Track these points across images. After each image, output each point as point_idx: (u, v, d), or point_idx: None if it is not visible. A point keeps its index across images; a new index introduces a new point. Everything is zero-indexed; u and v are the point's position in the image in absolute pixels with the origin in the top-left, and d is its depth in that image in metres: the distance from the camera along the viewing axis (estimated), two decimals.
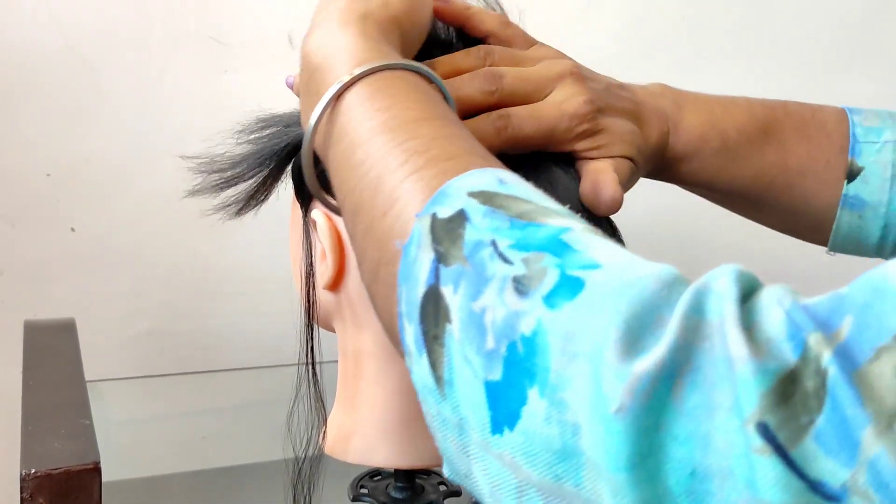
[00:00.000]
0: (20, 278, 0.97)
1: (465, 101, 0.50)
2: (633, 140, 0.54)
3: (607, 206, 0.50)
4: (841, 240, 0.61)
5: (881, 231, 0.59)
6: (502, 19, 0.56)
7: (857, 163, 0.59)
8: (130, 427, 0.95)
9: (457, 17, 0.55)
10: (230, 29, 0.99)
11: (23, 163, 0.95)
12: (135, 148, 0.98)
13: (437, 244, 0.35)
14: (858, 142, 0.59)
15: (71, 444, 0.57)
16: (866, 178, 0.59)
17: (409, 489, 0.62)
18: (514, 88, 0.51)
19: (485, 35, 0.56)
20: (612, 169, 0.51)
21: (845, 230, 0.60)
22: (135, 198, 0.99)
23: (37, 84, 0.94)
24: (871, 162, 0.59)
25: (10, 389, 0.80)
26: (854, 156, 0.59)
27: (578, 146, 0.52)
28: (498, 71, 0.51)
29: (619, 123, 0.54)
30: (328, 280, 0.55)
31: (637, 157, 0.54)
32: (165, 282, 1.02)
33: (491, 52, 0.53)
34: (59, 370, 0.72)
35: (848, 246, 0.61)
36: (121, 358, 1.01)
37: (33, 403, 0.64)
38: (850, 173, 0.59)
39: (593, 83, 0.54)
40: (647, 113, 0.56)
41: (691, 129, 0.58)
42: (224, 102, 0.99)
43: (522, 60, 0.54)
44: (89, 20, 0.95)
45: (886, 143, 0.59)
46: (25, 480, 0.53)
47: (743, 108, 0.59)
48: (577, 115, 0.51)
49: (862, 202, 0.59)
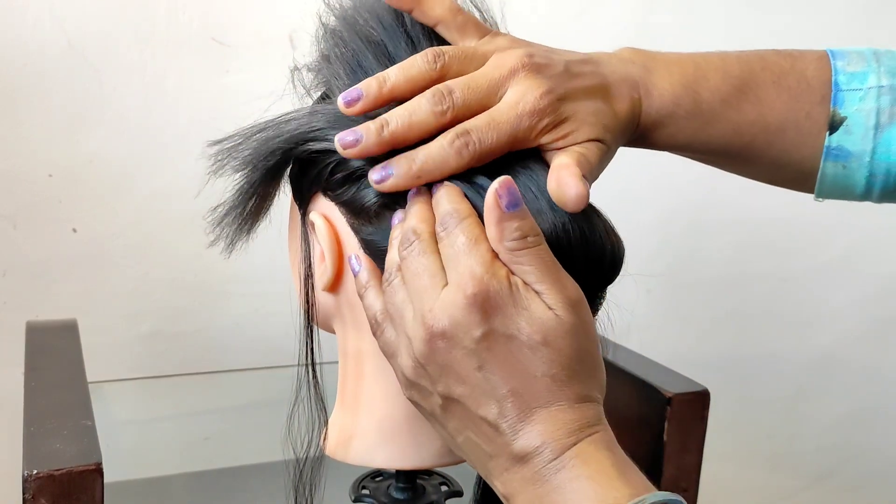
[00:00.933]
0: (22, 279, 0.97)
1: (420, 126, 0.49)
2: (600, 120, 0.52)
3: (574, 204, 0.48)
4: (827, 188, 0.59)
5: (866, 180, 0.58)
6: (452, 6, 0.54)
7: (839, 113, 0.57)
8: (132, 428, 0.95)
9: (405, 2, 0.54)
10: (232, 30, 0.99)
11: (25, 163, 0.95)
12: (137, 149, 0.99)
13: None
14: (841, 90, 0.57)
15: (73, 444, 0.58)
16: (849, 128, 0.57)
17: (411, 490, 0.62)
18: (465, 100, 0.50)
19: (435, 22, 0.54)
20: (574, 162, 0.49)
21: (830, 180, 0.59)
22: (137, 198, 0.99)
23: (39, 85, 0.94)
24: (855, 111, 0.57)
25: (13, 390, 0.80)
26: (836, 105, 0.57)
27: (543, 140, 0.51)
28: (447, 86, 0.50)
29: (583, 106, 0.52)
30: (327, 281, 0.55)
31: (606, 136, 0.52)
32: (167, 283, 1.02)
33: (440, 55, 0.51)
34: (62, 371, 0.72)
35: (834, 194, 0.60)
36: (123, 359, 1.01)
37: (35, 404, 0.64)
38: (833, 124, 0.57)
39: (550, 69, 0.51)
40: (614, 85, 0.54)
41: (663, 93, 0.55)
42: (226, 103, 0.99)
43: (473, 57, 0.52)
44: (91, 22, 0.95)
45: (870, 90, 0.57)
46: (28, 481, 0.54)
47: (717, 68, 0.57)
48: (535, 111, 0.50)
49: (846, 153, 0.57)
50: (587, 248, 0.49)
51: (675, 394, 0.75)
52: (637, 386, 0.78)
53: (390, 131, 0.49)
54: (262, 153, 0.54)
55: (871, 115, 0.57)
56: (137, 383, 1.00)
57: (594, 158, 0.51)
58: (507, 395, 0.45)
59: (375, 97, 0.50)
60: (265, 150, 0.54)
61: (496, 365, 0.45)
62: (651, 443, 0.76)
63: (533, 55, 0.51)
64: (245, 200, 0.55)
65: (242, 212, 0.56)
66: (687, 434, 0.76)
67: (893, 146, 0.57)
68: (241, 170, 0.54)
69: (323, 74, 0.57)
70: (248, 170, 0.54)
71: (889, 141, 0.57)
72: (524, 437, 0.45)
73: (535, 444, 0.45)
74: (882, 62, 0.58)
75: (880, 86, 0.57)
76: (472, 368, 0.46)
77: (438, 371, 0.47)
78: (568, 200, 0.48)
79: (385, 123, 0.49)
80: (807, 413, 1.43)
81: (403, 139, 0.49)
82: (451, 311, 0.45)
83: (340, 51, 0.55)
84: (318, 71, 0.58)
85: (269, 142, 0.54)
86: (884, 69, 0.58)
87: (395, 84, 0.50)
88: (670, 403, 0.75)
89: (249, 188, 0.55)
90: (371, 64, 0.54)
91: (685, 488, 0.77)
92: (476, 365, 0.46)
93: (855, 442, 1.46)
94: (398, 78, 0.50)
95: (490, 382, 0.46)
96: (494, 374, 0.45)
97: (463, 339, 0.45)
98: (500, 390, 0.45)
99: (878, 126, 0.57)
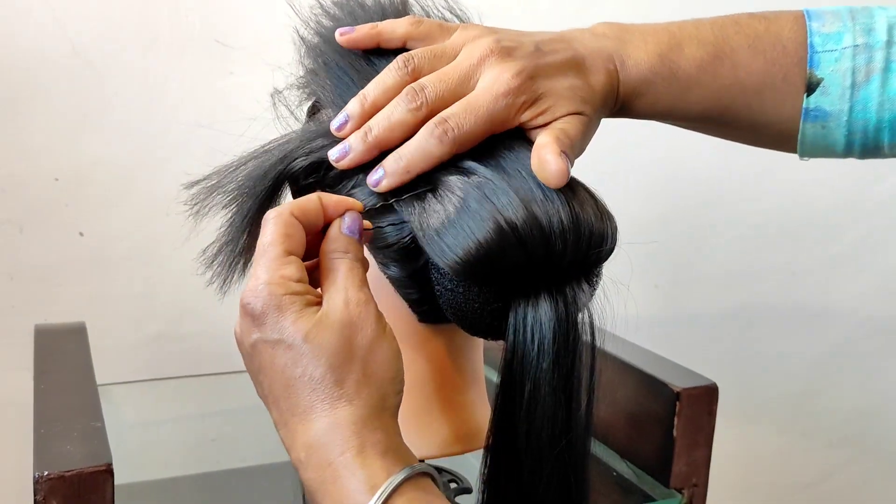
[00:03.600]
0: (29, 283, 0.97)
1: (401, 126, 0.51)
2: (576, 93, 0.53)
3: (555, 179, 0.49)
4: (808, 148, 0.60)
5: (845, 138, 0.58)
6: (411, 20, 0.56)
7: (815, 74, 0.57)
8: (141, 430, 0.95)
9: (368, 39, 0.56)
10: (235, 32, 0.99)
11: (30, 168, 0.96)
12: (141, 151, 0.99)
13: None
14: (816, 52, 0.57)
15: (83, 446, 0.58)
16: (826, 89, 0.57)
17: None
18: (439, 93, 0.51)
19: (402, 41, 0.56)
20: (553, 140, 0.50)
21: (810, 140, 0.59)
22: (142, 201, 0.99)
23: (43, 89, 0.95)
24: (831, 72, 0.57)
25: (22, 393, 0.80)
26: (812, 67, 0.57)
27: (522, 119, 0.52)
28: (418, 84, 0.52)
29: (558, 82, 0.53)
30: None
31: (585, 108, 0.53)
32: (173, 285, 1.02)
33: (409, 59, 0.53)
34: (70, 374, 0.73)
35: (816, 152, 0.60)
36: (131, 361, 1.02)
37: (45, 407, 0.65)
38: (809, 86, 0.58)
39: (519, 50, 0.53)
40: (589, 59, 0.55)
41: (640, 63, 0.57)
42: (229, 104, 0.99)
43: (442, 54, 0.54)
44: (95, 26, 0.95)
45: (846, 50, 0.57)
46: (39, 483, 0.54)
47: (691, 35, 0.58)
48: (509, 91, 0.51)
49: (824, 113, 0.58)
50: (578, 226, 0.49)
51: (683, 388, 0.75)
52: (645, 381, 0.78)
53: (374, 136, 0.52)
54: (254, 177, 0.54)
55: (847, 75, 0.57)
56: (146, 385, 1.00)
57: (574, 132, 0.52)
58: (273, 401, 0.47)
59: (360, 115, 0.53)
60: (257, 173, 0.54)
61: (263, 372, 0.47)
62: (661, 438, 0.76)
63: (500, 40, 0.53)
64: (238, 235, 0.55)
65: (235, 248, 0.55)
66: (696, 429, 0.76)
67: (870, 104, 0.57)
68: (231, 204, 0.55)
69: (310, 87, 0.60)
70: (239, 200, 0.55)
71: (866, 99, 0.57)
72: (293, 450, 0.46)
73: (301, 456, 0.45)
74: (857, 20, 0.58)
75: (855, 45, 0.57)
76: (254, 372, 0.48)
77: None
78: (549, 176, 0.49)
79: (368, 130, 0.52)
80: (818, 408, 1.42)
81: (388, 140, 0.52)
82: (239, 316, 0.47)
83: (324, 64, 0.58)
84: (304, 86, 0.61)
85: (261, 165, 0.55)
86: (859, 27, 0.58)
87: (375, 98, 0.53)
88: (679, 398, 0.74)
89: (242, 221, 0.55)
90: (354, 74, 0.56)
91: (695, 483, 0.77)
92: (254, 369, 0.48)
93: (865, 438, 1.46)
94: (376, 92, 0.53)
95: (261, 388, 0.48)
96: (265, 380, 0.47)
97: (244, 345, 0.47)
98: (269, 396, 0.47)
99: (854, 85, 0.57)
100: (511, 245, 0.48)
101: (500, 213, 0.48)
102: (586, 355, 0.52)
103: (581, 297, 0.51)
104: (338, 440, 0.44)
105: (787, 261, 1.34)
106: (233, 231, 0.55)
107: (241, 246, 0.55)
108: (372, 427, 0.45)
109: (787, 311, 1.37)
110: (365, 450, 0.44)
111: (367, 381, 0.46)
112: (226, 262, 0.56)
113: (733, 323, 1.34)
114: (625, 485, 0.79)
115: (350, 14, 0.59)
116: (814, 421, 1.43)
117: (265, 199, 0.55)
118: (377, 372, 0.46)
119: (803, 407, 1.42)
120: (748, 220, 1.30)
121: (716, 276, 1.31)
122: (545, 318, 0.50)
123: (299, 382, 0.45)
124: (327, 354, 0.45)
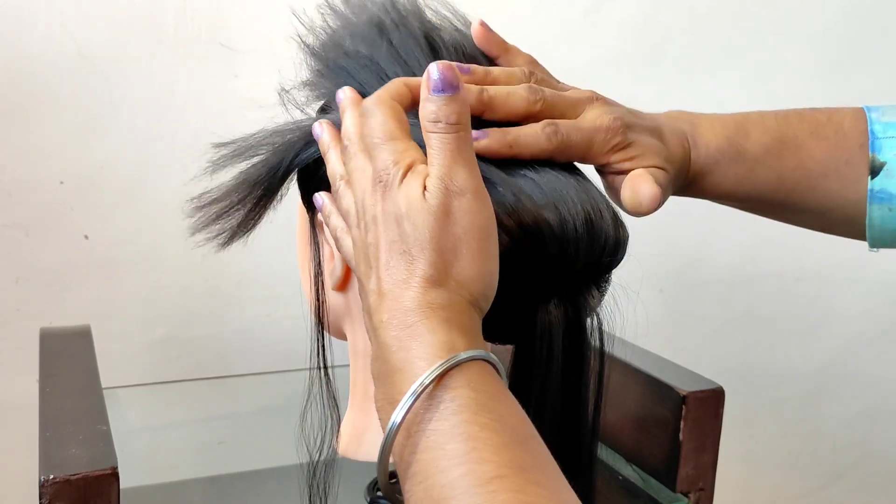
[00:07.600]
0: (35, 286, 0.97)
1: (514, 106, 0.53)
2: (661, 152, 0.57)
3: (649, 203, 0.53)
4: (877, 233, 0.62)
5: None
6: (530, 59, 0.59)
7: (878, 158, 0.60)
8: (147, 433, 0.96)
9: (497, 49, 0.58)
10: (240, 34, 1.00)
11: (36, 171, 0.96)
12: (147, 155, 0.99)
13: None
14: (877, 138, 0.60)
15: (89, 450, 0.58)
16: (890, 172, 0.60)
17: None
18: (553, 102, 0.54)
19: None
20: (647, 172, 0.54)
21: (878, 223, 0.62)
22: (148, 204, 0.99)
23: (50, 93, 0.95)
24: (893, 156, 0.60)
25: (28, 397, 0.81)
26: (875, 152, 0.60)
27: (613, 158, 0.55)
28: (539, 87, 0.55)
29: (646, 139, 0.57)
30: (336, 280, 0.56)
31: (668, 167, 0.57)
32: (180, 288, 1.02)
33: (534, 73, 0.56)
34: (76, 377, 0.73)
35: (885, 236, 0.63)
36: (137, 364, 1.02)
37: (51, 410, 0.65)
38: (873, 169, 0.60)
39: (617, 106, 0.57)
40: (667, 132, 0.59)
41: (709, 143, 0.60)
42: (235, 106, 0.99)
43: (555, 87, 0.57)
44: (101, 30, 0.95)
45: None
46: (44, 486, 0.54)
47: (756, 123, 0.62)
48: (610, 128, 0.55)
49: (889, 195, 0.60)
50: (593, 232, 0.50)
51: (689, 392, 0.75)
52: (651, 385, 0.78)
53: (489, 95, 0.52)
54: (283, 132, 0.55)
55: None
56: (152, 388, 1.00)
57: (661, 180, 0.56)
58: (373, 267, 0.46)
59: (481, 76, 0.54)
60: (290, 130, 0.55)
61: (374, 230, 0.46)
62: (667, 442, 0.76)
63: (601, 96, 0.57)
64: (255, 189, 0.55)
65: (250, 202, 0.56)
66: (703, 433, 0.76)
67: None
68: (256, 156, 0.55)
69: (323, 87, 0.59)
70: (267, 154, 0.55)
71: None
72: (377, 312, 0.45)
73: (384, 318, 0.44)
74: None
75: None
76: (362, 231, 0.47)
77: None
78: (643, 199, 0.53)
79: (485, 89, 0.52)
80: (822, 412, 1.42)
81: (500, 105, 0.52)
82: (362, 186, 0.47)
83: (334, 65, 0.57)
84: (314, 86, 0.60)
85: (290, 125, 0.55)
86: None
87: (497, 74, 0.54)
88: (685, 402, 0.74)
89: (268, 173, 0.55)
90: (364, 75, 0.56)
91: (702, 487, 0.77)
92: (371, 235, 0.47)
93: (871, 441, 1.45)
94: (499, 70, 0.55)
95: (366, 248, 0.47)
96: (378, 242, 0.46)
97: (366, 216, 0.47)
98: (372, 262, 0.46)
99: None
100: (525, 249, 0.48)
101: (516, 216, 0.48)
102: (595, 360, 0.52)
103: (591, 302, 0.51)
104: (428, 312, 0.44)
105: (792, 266, 1.34)
106: (247, 187, 0.55)
107: (254, 199, 0.56)
108: (460, 309, 0.44)
109: (791, 315, 1.36)
110: (451, 322, 0.44)
111: (464, 281, 0.45)
112: (236, 216, 0.56)
113: (738, 327, 1.34)
114: (631, 489, 0.79)
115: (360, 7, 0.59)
116: (818, 425, 1.43)
117: (295, 155, 0.55)
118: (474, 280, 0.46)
119: (808, 411, 1.41)
120: (753, 225, 1.29)
121: (720, 281, 1.31)
122: (555, 322, 0.50)
123: (404, 256, 0.45)
124: (434, 240, 0.44)
